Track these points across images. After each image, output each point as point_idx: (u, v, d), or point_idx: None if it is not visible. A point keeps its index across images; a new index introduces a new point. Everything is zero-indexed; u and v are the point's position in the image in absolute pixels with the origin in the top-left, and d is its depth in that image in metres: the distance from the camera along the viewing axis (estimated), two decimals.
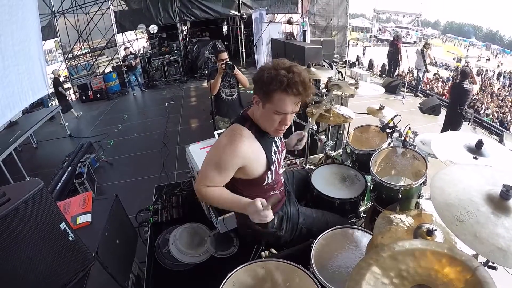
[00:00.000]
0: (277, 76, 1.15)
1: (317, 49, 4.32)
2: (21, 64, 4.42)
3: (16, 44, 4.24)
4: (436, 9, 54.31)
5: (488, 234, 0.85)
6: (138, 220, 2.33)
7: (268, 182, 1.39)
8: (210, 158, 1.29)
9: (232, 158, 1.23)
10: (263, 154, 1.32)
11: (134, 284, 1.98)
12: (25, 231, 1.11)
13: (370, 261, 0.86)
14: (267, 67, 1.20)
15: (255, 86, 1.25)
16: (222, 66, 3.17)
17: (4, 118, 4.12)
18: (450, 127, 4.80)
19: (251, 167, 1.30)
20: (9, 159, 4.24)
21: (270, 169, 1.36)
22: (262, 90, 1.20)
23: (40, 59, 5.06)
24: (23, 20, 4.42)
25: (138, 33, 10.28)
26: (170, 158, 4.78)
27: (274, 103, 1.20)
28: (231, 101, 3.47)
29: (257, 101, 1.25)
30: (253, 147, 1.28)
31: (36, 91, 4.93)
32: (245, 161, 1.26)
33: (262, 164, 1.33)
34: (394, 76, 9.01)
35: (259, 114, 1.27)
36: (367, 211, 1.90)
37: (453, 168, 1.13)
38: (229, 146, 1.23)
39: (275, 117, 1.23)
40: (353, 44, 22.71)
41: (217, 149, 1.29)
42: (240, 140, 1.24)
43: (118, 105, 8.22)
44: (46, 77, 5.30)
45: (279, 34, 7.61)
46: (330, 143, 2.56)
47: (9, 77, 4.09)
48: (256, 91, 1.24)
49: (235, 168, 1.27)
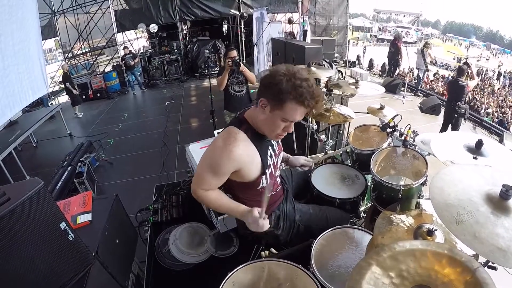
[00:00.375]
0: (297, 88, 1.13)
1: (317, 49, 4.31)
2: (21, 63, 4.42)
3: (16, 44, 4.24)
4: (436, 8, 54.32)
5: (488, 234, 0.85)
6: (138, 219, 2.33)
7: (262, 186, 1.37)
8: (205, 160, 1.29)
9: (227, 161, 1.22)
10: (258, 157, 1.31)
11: (134, 283, 1.98)
12: (25, 231, 1.11)
13: (371, 261, 0.86)
14: (283, 74, 1.16)
15: (264, 90, 1.21)
16: (229, 63, 3.30)
17: (4, 118, 4.12)
18: (450, 123, 4.91)
19: (245, 171, 1.29)
20: (9, 158, 4.24)
21: (264, 173, 1.35)
22: (275, 96, 1.17)
23: (39, 59, 5.07)
24: (23, 19, 4.43)
25: (138, 32, 10.27)
26: (170, 157, 4.78)
27: (285, 111, 1.18)
28: (240, 97, 3.59)
29: (263, 104, 1.21)
30: (248, 151, 1.27)
31: (36, 91, 4.94)
32: (239, 165, 1.25)
33: (257, 168, 1.32)
34: (394, 75, 9.01)
35: (263, 118, 1.24)
36: (367, 211, 1.90)
37: (452, 168, 1.13)
38: (224, 150, 1.21)
39: (280, 123, 1.23)
40: (353, 44, 22.70)
41: (212, 151, 1.27)
42: (235, 143, 1.22)
43: (118, 105, 8.22)
44: (46, 76, 5.31)
45: (279, 34, 7.60)
46: (330, 142, 2.56)
47: (9, 77, 4.09)
48: (265, 95, 1.20)
49: (230, 171, 1.27)
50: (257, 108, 1.26)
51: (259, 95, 1.23)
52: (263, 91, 1.22)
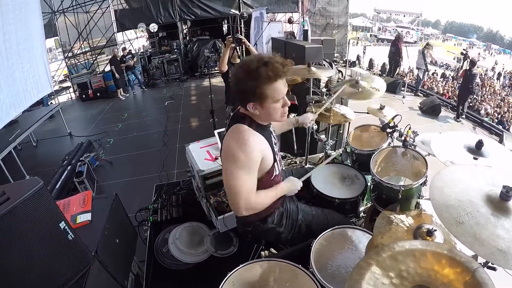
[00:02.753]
0: (260, 75, 1.17)
1: (318, 48, 4.31)
2: (26, 62, 4.41)
3: (20, 43, 4.23)
4: (437, 8, 54.21)
5: (488, 236, 0.85)
6: (138, 219, 2.33)
7: (276, 174, 1.41)
8: (232, 170, 1.23)
9: (252, 152, 1.22)
10: (268, 145, 1.34)
11: (134, 283, 1.98)
12: (25, 230, 1.11)
13: (370, 261, 0.86)
14: (241, 77, 1.21)
15: (242, 98, 1.25)
16: (230, 39, 3.07)
17: (8, 117, 4.10)
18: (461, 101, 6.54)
19: (265, 158, 1.31)
20: (8, 157, 4.23)
21: (275, 159, 1.38)
22: (254, 96, 1.21)
23: (43, 58, 5.05)
24: (27, 19, 4.42)
25: (138, 32, 10.26)
26: (170, 157, 4.77)
27: (271, 96, 1.23)
28: None
29: (253, 107, 1.25)
30: (260, 139, 1.30)
31: (40, 90, 4.92)
32: (261, 152, 1.27)
33: (270, 156, 1.35)
34: (395, 75, 9.01)
35: (261, 114, 1.28)
36: (367, 211, 1.90)
37: (452, 168, 1.13)
38: (243, 145, 1.22)
39: (277, 105, 1.27)
40: (354, 44, 22.67)
41: (233, 156, 1.23)
42: (249, 134, 1.25)
43: (118, 104, 8.21)
44: (50, 75, 5.29)
45: (279, 33, 7.60)
46: (330, 142, 2.56)
47: (13, 76, 4.08)
48: (249, 100, 1.24)
49: (258, 162, 1.27)
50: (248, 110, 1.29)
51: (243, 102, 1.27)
52: (242, 99, 1.26)
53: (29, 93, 4.53)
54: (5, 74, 3.86)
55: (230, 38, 3.07)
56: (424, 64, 7.50)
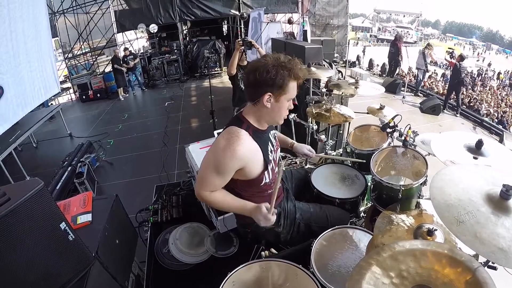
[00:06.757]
0: (292, 69, 1.23)
1: (317, 49, 4.31)
2: (33, 61, 4.33)
3: (28, 41, 4.17)
4: (436, 9, 54.27)
5: (489, 235, 0.85)
6: (138, 219, 2.32)
7: (265, 182, 1.39)
8: (208, 162, 1.29)
9: (231, 160, 1.23)
10: (260, 154, 1.33)
11: (134, 284, 1.98)
12: (25, 231, 1.10)
13: (371, 261, 0.86)
14: (273, 65, 1.22)
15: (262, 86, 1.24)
16: (240, 42, 3.02)
17: (16, 117, 4.02)
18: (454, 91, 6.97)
19: (249, 168, 1.30)
20: (9, 158, 4.23)
21: (267, 168, 1.36)
22: (278, 86, 1.24)
23: (50, 57, 4.97)
24: (34, 17, 4.35)
25: (138, 32, 10.26)
26: (170, 157, 4.77)
27: (289, 92, 1.27)
28: None
29: (268, 99, 1.26)
30: (251, 148, 1.29)
31: (48, 89, 4.84)
32: (243, 163, 1.26)
33: (260, 164, 1.33)
34: (395, 75, 9.02)
35: (269, 109, 1.28)
36: (367, 211, 1.90)
37: (453, 168, 1.13)
38: (228, 149, 1.22)
39: (286, 104, 1.32)
40: (353, 44, 22.68)
41: (215, 152, 1.27)
42: (238, 142, 1.23)
43: (118, 105, 8.21)
44: (57, 74, 5.20)
45: (278, 34, 7.59)
46: (330, 142, 2.56)
47: (21, 74, 3.99)
48: (267, 89, 1.24)
49: (234, 170, 1.27)
50: (256, 105, 1.29)
51: (259, 92, 1.25)
52: (262, 87, 1.24)
53: (37, 92, 4.43)
54: (12, 73, 3.76)
55: (239, 41, 3.03)
56: (424, 64, 7.52)
